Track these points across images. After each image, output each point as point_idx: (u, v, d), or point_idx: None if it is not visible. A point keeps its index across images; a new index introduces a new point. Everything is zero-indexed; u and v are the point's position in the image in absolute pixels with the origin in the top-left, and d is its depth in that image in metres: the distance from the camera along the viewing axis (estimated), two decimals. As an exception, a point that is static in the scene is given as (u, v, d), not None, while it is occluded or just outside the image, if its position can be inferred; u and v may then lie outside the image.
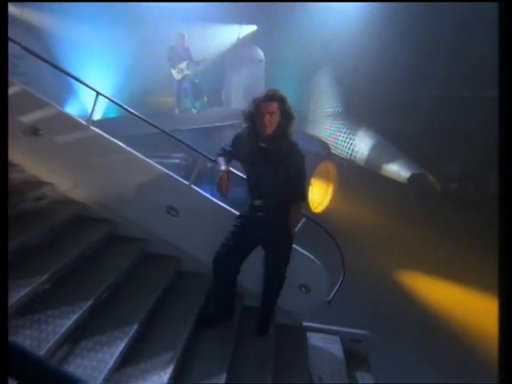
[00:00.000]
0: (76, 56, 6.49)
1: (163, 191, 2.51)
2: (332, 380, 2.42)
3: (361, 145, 6.42)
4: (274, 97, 1.90)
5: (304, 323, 2.87)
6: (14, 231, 1.92)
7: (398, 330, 3.61)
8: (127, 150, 2.45)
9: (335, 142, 7.32)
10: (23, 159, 2.45)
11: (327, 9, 7.17)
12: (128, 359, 1.76)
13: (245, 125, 2.01)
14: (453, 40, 6.00)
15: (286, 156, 1.95)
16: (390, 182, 5.82)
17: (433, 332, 3.52)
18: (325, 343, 2.79)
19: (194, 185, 2.49)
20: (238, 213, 2.27)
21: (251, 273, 2.35)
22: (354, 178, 6.45)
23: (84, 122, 2.38)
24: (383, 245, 4.89)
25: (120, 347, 1.71)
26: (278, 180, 1.97)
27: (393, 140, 6.34)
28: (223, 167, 2.02)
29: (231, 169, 2.26)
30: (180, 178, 2.48)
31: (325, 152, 5.35)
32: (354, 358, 2.86)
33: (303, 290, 2.66)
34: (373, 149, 6.08)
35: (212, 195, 2.54)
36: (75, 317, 1.70)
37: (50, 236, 2.20)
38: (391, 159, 5.71)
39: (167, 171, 2.48)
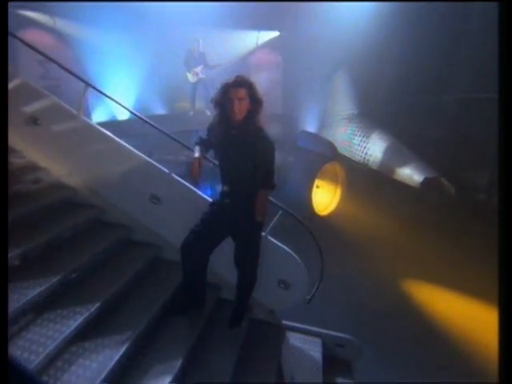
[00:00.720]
0: (102, 61, 6.99)
1: (146, 179, 2.59)
2: (304, 381, 2.32)
3: (374, 148, 6.19)
4: (242, 83, 1.89)
5: (285, 322, 2.80)
6: (3, 209, 2.10)
7: (395, 340, 3.39)
8: (113, 139, 2.58)
9: (349, 145, 7.13)
10: (24, 146, 2.66)
11: (345, 10, 7.09)
12: (87, 334, 1.82)
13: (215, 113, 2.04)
14: (476, 40, 5.64)
15: (255, 142, 1.94)
16: (405, 186, 5.54)
17: (432, 345, 3.26)
18: (304, 344, 2.69)
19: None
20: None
21: (230, 264, 2.34)
22: (366, 181, 6.23)
23: (75, 112, 2.55)
24: (389, 251, 4.64)
25: (78, 321, 1.77)
26: (247, 166, 1.96)
27: (414, 145, 6.03)
28: (196, 154, 2.07)
29: (208, 157, 2.32)
30: (161, 167, 2.55)
31: (330, 153, 5.22)
32: (337, 363, 2.73)
33: (282, 286, 2.60)
34: (386, 152, 5.84)
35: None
36: (40, 289, 1.80)
37: (38, 216, 2.36)
38: (404, 162, 5.43)
39: (149, 160, 2.57)
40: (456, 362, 3.03)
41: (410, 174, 5.22)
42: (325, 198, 5.76)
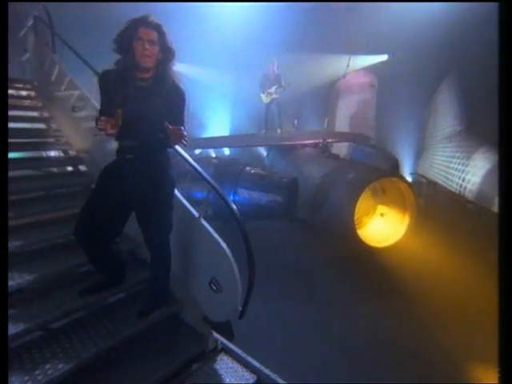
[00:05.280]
0: (204, 93, 8.42)
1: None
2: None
3: (474, 170, 4.51)
4: (153, 24, 1.69)
5: (227, 343, 2.21)
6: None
7: None
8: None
9: (446, 171, 5.52)
10: (65, 128, 3.45)
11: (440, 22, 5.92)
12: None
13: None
14: None
15: (168, 94, 1.78)
16: None
17: None
18: (229, 374, 2.01)
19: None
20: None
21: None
22: (459, 215, 4.56)
23: (88, 95, 3.11)
24: (446, 306, 3.12)
25: None
26: (157, 118, 1.74)
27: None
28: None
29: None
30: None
31: (387, 166, 4.04)
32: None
33: (213, 287, 2.12)
34: (488, 175, 4.11)
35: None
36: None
37: (45, 172, 3.00)
38: None
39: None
40: None
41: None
42: (387, 225, 4.54)
